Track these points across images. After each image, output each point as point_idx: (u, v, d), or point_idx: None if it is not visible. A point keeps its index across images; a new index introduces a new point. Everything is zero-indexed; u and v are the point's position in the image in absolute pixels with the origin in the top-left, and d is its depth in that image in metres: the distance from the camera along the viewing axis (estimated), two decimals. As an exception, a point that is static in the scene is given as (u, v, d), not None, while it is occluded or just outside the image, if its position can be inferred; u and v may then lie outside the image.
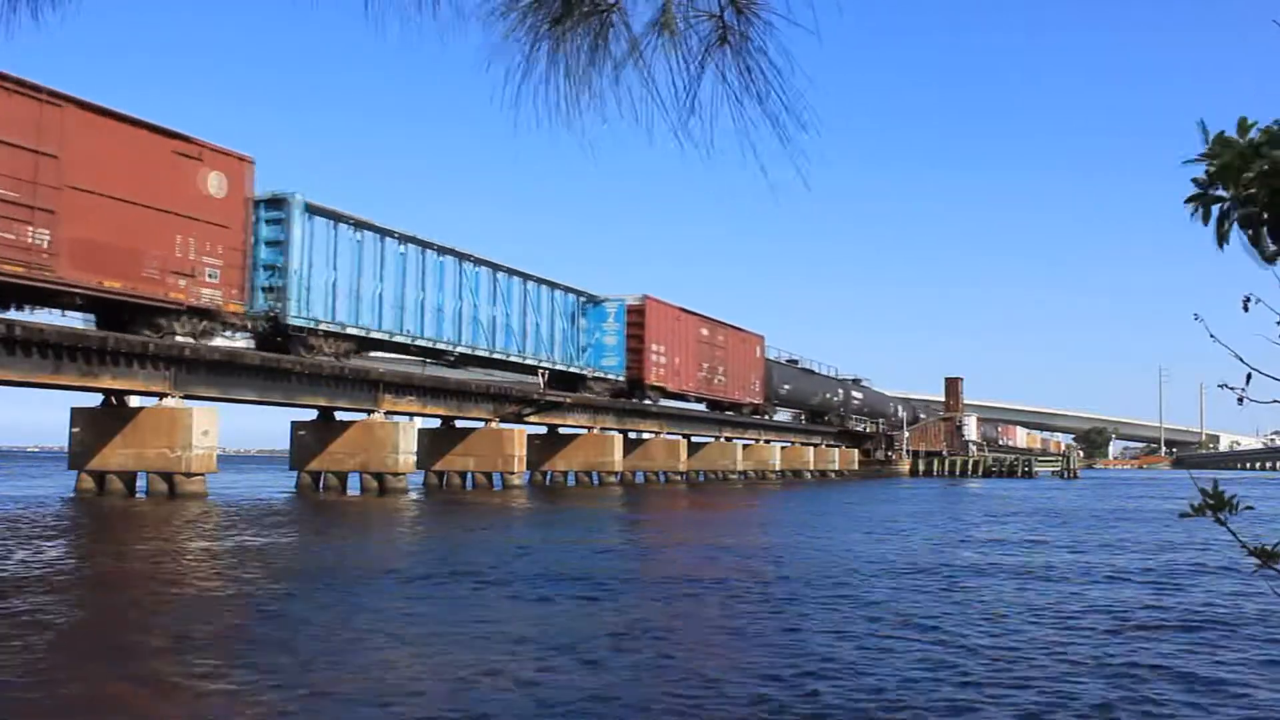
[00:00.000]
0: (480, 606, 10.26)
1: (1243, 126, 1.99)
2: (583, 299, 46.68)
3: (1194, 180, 2.04)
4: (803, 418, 75.23)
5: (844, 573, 13.54)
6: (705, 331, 55.97)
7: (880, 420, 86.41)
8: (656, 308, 50.34)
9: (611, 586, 11.86)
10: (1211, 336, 2.37)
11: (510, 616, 9.66)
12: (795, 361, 71.77)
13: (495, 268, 40.42)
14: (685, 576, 13.01)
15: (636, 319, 48.40)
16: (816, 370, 75.54)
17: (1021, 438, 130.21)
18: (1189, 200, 2.06)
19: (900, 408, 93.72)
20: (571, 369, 44.97)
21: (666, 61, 2.83)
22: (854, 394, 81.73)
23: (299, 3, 3.32)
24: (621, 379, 47.95)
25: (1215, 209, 2.03)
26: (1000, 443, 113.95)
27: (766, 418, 65.95)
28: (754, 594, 11.58)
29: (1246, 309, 2.11)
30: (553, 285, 44.46)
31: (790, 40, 2.86)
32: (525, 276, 42.22)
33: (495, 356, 40.03)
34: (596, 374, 46.57)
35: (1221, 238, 2.02)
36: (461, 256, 38.26)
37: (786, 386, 67.35)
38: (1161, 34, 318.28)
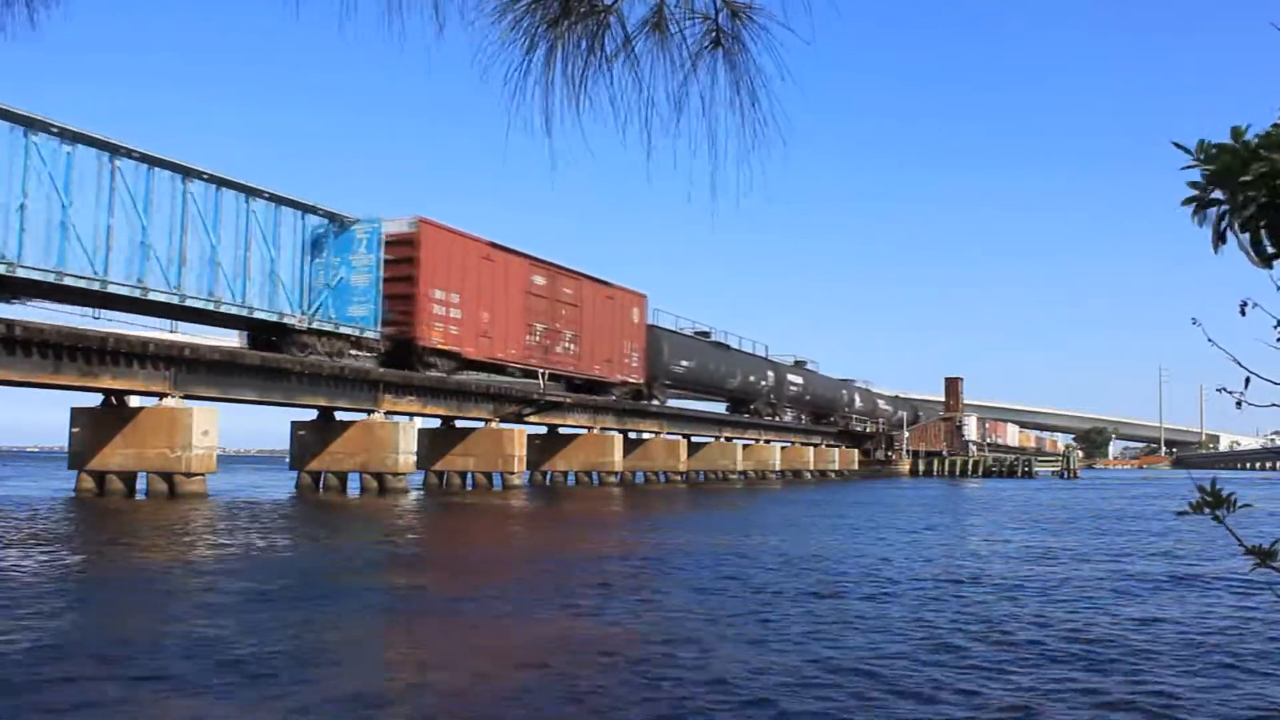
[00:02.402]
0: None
1: (1236, 133, 2.00)
2: (316, 219, 32.35)
3: (1191, 184, 2.05)
4: (726, 406, 62.55)
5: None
6: (541, 280, 42.03)
7: (834, 413, 77.26)
8: (440, 238, 36.05)
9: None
10: (1210, 340, 2.38)
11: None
12: (706, 334, 57.34)
13: (114, 150, 25.65)
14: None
15: (405, 253, 34.42)
16: (737, 347, 60.65)
17: (1012, 435, 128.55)
18: (1186, 202, 2.07)
19: (858, 396, 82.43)
20: (258, 315, 29.90)
21: (658, 63, 2.83)
22: (792, 379, 68.50)
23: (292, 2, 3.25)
24: (374, 335, 33.25)
25: (1212, 212, 2.04)
26: (989, 440, 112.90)
27: (656, 403, 51.42)
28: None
29: (1244, 314, 2.12)
30: (253, 192, 29.72)
31: (784, 41, 2.87)
32: (189, 173, 27.58)
33: (84, 285, 24.90)
34: (323, 326, 31.91)
35: (1219, 239, 2.03)
36: (30, 124, 23.54)
37: (685, 364, 53.04)
38: (1162, 34, 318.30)
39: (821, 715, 6.01)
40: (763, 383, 63.65)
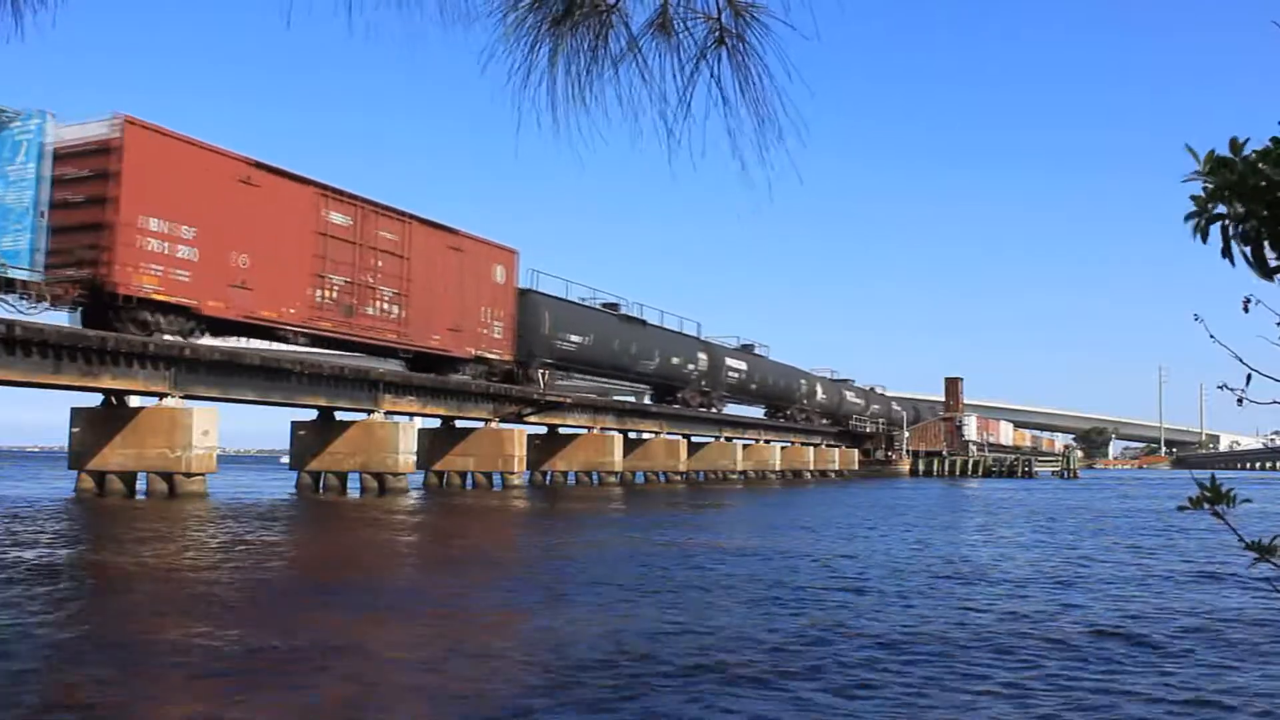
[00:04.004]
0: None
1: (1234, 146, 2.01)
2: None
3: (1192, 198, 2.05)
4: (648, 394, 53.37)
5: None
6: (341, 219, 31.91)
7: (788, 404, 68.77)
8: (159, 147, 26.53)
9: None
10: (1211, 337, 2.38)
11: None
12: (614, 306, 46.77)
13: None
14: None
15: (100, 165, 25.46)
16: (657, 323, 50.16)
17: (1006, 434, 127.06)
18: (1188, 217, 2.07)
19: (820, 388, 73.30)
20: None
21: (664, 62, 2.83)
22: (732, 364, 58.26)
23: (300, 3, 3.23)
24: (25, 273, 24.09)
25: (1214, 226, 2.04)
26: (986, 440, 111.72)
27: (539, 391, 40.93)
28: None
29: (1246, 310, 2.13)
30: None
31: (788, 40, 2.86)
32: None
33: None
34: None
35: (1227, 253, 2.03)
36: None
37: (576, 339, 42.94)
38: (1163, 34, 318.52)
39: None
40: (690, 366, 53.04)
